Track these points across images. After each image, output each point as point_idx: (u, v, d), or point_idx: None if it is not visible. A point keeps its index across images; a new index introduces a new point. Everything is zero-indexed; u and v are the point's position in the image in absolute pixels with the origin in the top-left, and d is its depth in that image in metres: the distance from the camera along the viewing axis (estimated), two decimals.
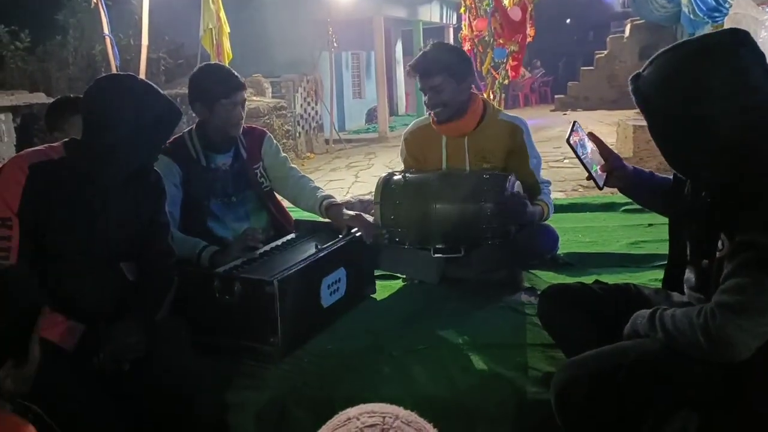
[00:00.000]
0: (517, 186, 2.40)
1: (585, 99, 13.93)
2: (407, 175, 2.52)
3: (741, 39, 1.37)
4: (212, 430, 1.76)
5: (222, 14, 7.77)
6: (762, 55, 1.36)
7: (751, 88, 1.34)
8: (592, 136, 1.73)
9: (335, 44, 11.19)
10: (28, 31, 8.13)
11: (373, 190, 2.54)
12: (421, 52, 2.55)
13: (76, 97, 2.51)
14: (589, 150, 1.70)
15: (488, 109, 2.57)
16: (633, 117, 7.86)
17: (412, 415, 0.73)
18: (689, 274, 1.61)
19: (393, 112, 14.82)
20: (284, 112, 9.46)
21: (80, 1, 8.31)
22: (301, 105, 10.44)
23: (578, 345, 1.68)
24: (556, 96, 15.15)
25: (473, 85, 2.61)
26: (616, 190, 1.83)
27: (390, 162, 9.32)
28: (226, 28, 7.82)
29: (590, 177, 1.69)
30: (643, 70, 1.46)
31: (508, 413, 1.72)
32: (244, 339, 1.98)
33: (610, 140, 8.24)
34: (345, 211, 2.42)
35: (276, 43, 10.59)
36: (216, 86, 2.32)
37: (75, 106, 2.40)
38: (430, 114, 2.54)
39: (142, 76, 6.36)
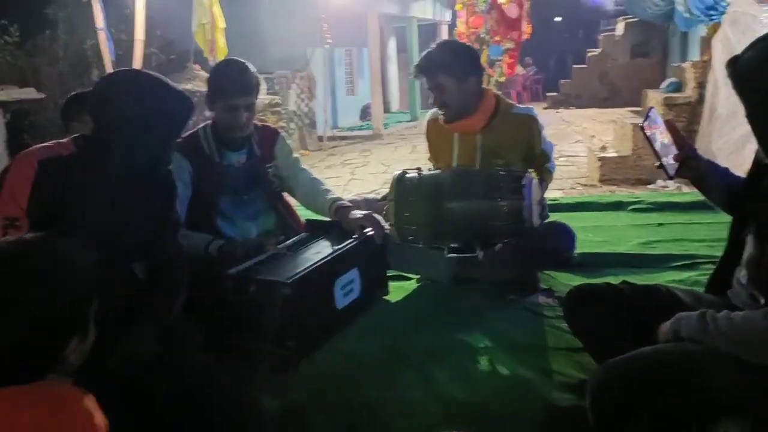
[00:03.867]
0: (534, 184, 2.34)
1: (577, 97, 13.96)
2: (421, 172, 2.46)
3: None
4: None
5: (216, 9, 7.67)
6: None
7: None
8: (668, 125, 1.70)
9: (329, 40, 11.10)
10: (17, 26, 7.98)
11: (372, 188, 2.49)
12: (426, 51, 2.52)
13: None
14: (662, 139, 1.67)
15: (501, 105, 2.53)
16: (629, 115, 7.88)
17: None
18: (745, 272, 1.57)
19: (386, 108, 14.76)
20: (278, 108, 9.38)
21: None
22: (295, 101, 10.36)
23: (608, 348, 1.62)
24: (548, 94, 15.17)
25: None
26: (615, 188, 1.79)
27: (385, 159, 9.26)
28: (221, 24, 7.72)
29: (660, 166, 1.67)
30: (743, 54, 1.40)
31: (537, 420, 1.67)
32: (259, 342, 1.91)
33: (607, 138, 8.24)
34: (353, 212, 2.37)
35: (269, 39, 10.47)
36: (218, 85, 2.28)
37: None
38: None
39: None
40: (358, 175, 7.98)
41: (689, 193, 3.58)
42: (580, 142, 8.92)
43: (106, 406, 1.54)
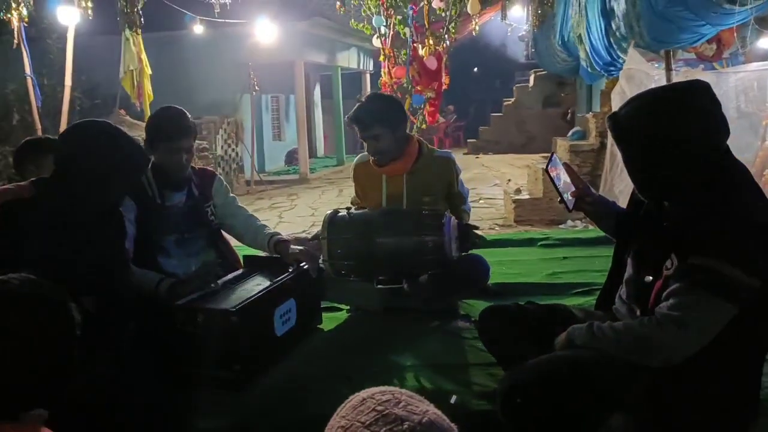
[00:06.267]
0: (453, 222, 2.63)
1: (496, 143, 14.71)
2: (351, 212, 2.71)
3: (705, 87, 1.62)
4: None
5: (143, 56, 7.77)
6: (719, 103, 1.61)
7: (716, 128, 1.59)
8: (566, 167, 1.99)
9: (256, 87, 11.34)
10: None
11: (302, 229, 2.71)
12: (358, 104, 2.77)
13: (45, 138, 2.74)
14: (562, 178, 1.95)
15: (424, 149, 2.83)
16: (541, 161, 8.46)
17: (409, 392, 0.89)
18: (624, 289, 1.86)
19: (312, 153, 15.02)
20: (206, 153, 9.47)
21: None
22: (222, 146, 10.47)
23: (517, 357, 1.88)
24: (468, 140, 15.88)
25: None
26: (529, 228, 2.07)
27: (313, 203, 9.46)
28: (148, 70, 7.81)
29: (561, 201, 1.94)
30: (620, 110, 1.68)
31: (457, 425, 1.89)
32: (207, 368, 2.06)
33: (521, 182, 8.79)
34: (292, 246, 2.57)
35: (197, 85, 10.61)
36: (159, 128, 2.47)
37: (46, 146, 2.53)
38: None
39: (63, 116, 6.27)
40: (287, 218, 8.14)
41: (592, 230, 3.98)
42: (497, 186, 9.46)
43: None
